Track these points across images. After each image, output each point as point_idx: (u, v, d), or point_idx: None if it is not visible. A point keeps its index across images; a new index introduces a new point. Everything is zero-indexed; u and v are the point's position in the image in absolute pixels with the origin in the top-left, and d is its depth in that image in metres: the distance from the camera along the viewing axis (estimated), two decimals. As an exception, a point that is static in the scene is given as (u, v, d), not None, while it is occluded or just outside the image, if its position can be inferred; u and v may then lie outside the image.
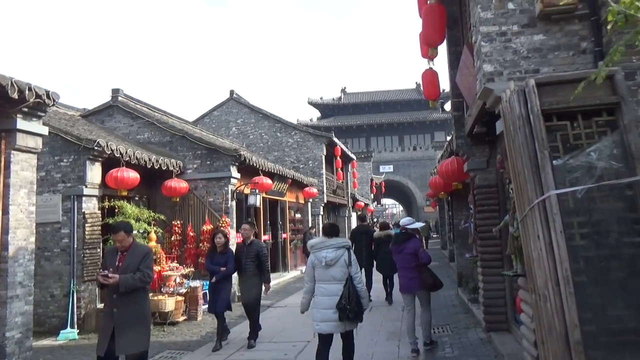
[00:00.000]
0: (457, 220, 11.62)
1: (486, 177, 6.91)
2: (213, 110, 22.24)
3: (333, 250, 4.76)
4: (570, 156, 3.46)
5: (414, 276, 6.25)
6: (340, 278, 4.71)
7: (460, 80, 6.74)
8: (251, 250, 6.94)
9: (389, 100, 50.25)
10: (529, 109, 3.56)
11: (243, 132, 21.59)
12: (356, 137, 48.01)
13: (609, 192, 3.36)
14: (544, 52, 4.73)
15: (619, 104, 3.50)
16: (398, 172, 44.47)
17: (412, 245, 6.37)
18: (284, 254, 16.34)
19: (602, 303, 3.18)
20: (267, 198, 14.29)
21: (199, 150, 11.53)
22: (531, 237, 3.49)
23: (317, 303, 4.79)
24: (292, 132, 21.33)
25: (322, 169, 20.71)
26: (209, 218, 10.97)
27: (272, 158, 20.11)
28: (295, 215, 18.17)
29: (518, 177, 3.70)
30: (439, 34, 6.74)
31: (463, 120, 7.44)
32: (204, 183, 11.33)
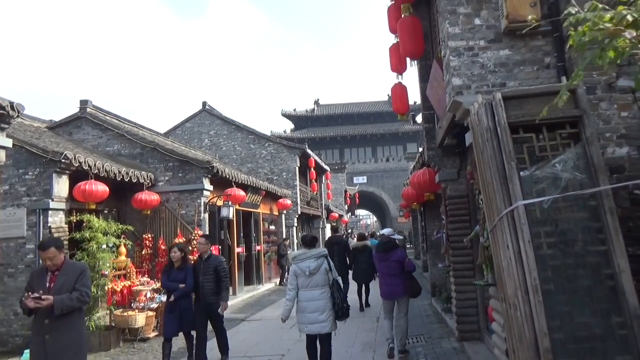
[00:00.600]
0: (429, 230, 11.76)
1: (457, 188, 7.02)
2: (185, 121, 22.01)
3: (314, 259, 5.28)
4: (536, 167, 3.56)
5: (398, 283, 6.49)
6: (322, 284, 5.25)
7: (431, 93, 6.87)
8: (209, 266, 6.31)
9: (362, 112, 50.78)
10: (496, 122, 3.66)
11: (216, 144, 21.41)
12: (330, 149, 48.23)
13: (573, 202, 3.47)
14: (509, 67, 4.87)
15: (581, 117, 3.63)
16: (372, 183, 44.81)
17: (398, 254, 6.61)
18: (258, 266, 16.18)
19: (569, 311, 3.26)
20: (241, 210, 14.17)
21: (171, 162, 11.37)
22: (501, 247, 3.56)
23: (301, 308, 5.27)
24: (266, 144, 21.28)
25: (296, 180, 20.69)
26: (181, 231, 10.80)
27: (246, 170, 19.98)
28: (270, 227, 18.06)
29: (487, 187, 3.79)
30: (418, 45, 6.84)
31: (434, 132, 7.56)
32: (175, 195, 11.16)
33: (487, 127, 3.72)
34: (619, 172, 4.18)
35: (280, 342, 7.79)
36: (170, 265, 6.48)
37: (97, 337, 7.80)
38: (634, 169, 4.18)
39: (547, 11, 4.78)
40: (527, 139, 3.69)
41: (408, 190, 11.71)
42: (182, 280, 6.28)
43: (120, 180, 9.74)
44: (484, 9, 5.03)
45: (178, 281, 6.28)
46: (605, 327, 3.20)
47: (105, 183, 8.96)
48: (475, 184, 5.42)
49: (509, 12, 4.73)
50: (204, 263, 6.36)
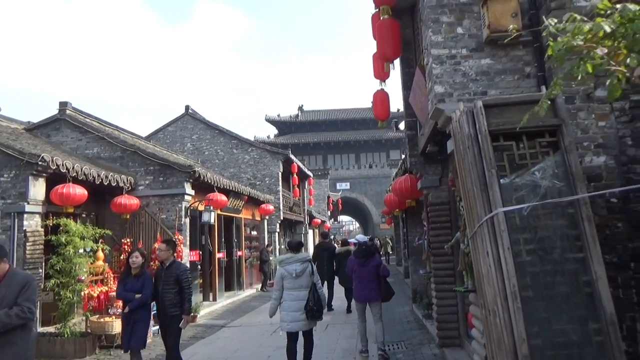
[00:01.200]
0: (411, 237, 11.82)
1: (439, 195, 7.07)
2: (167, 125, 21.80)
3: (300, 263, 5.78)
4: (516, 175, 3.60)
5: (374, 287, 6.78)
6: (306, 285, 5.72)
7: (413, 100, 6.92)
8: (170, 275, 5.66)
9: (346, 118, 50.97)
10: (477, 129, 3.70)
11: (198, 148, 21.25)
12: (313, 155, 48.25)
13: (552, 209, 3.51)
14: (491, 76, 4.94)
15: (560, 126, 3.69)
16: (354, 189, 44.93)
17: (376, 260, 6.95)
18: (239, 271, 16.05)
19: (547, 317, 3.29)
20: (222, 215, 14.06)
21: (152, 166, 11.23)
22: (480, 254, 3.59)
23: (286, 307, 5.73)
24: (249, 149, 21.19)
25: (279, 186, 20.63)
26: (161, 235, 10.64)
27: (228, 175, 19.85)
28: (251, 233, 17.94)
29: (468, 194, 3.82)
30: (394, 47, 6.88)
31: (417, 139, 7.62)
32: (156, 200, 11.02)
33: (469, 134, 3.76)
34: (596, 181, 4.26)
35: (260, 349, 7.72)
36: (127, 273, 5.83)
37: (72, 344, 7.63)
38: (610, 178, 4.26)
39: (527, 22, 4.86)
40: (508, 147, 3.73)
41: (390, 197, 11.77)
42: (138, 290, 5.64)
43: (99, 183, 9.57)
44: (466, 18, 5.10)
45: (134, 291, 5.64)
46: (582, 334, 3.24)
47: (84, 186, 8.80)
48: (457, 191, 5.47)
49: (490, 22, 4.80)
50: (165, 271, 5.72)
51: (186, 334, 9.32)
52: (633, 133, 4.32)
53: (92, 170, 9.40)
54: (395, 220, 22.50)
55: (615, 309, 3.24)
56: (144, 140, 15.03)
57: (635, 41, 2.36)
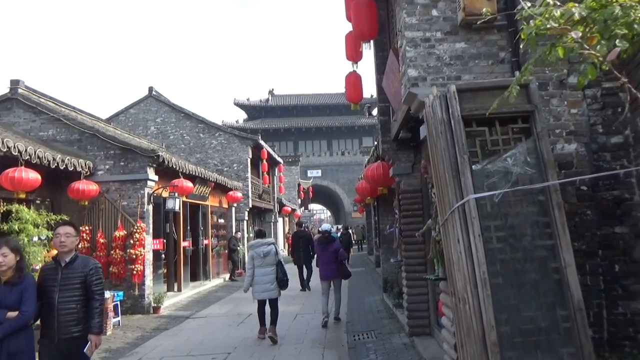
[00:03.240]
0: (383, 225, 11.92)
1: (411, 182, 7.13)
2: (129, 107, 21.22)
3: (266, 245, 7.52)
4: (488, 161, 3.65)
5: (334, 268, 8.68)
6: (272, 263, 7.46)
7: (387, 85, 6.93)
8: (72, 276, 3.96)
9: (318, 104, 50.84)
10: (450, 114, 3.72)
11: (163, 132, 20.80)
12: (284, 141, 48.03)
13: (523, 197, 3.58)
14: (465, 60, 4.97)
15: (532, 113, 3.75)
16: (326, 177, 45.02)
17: (335, 246, 8.86)
18: (205, 261, 15.90)
19: (516, 304, 3.37)
20: (188, 202, 13.85)
21: (112, 150, 10.93)
22: (451, 241, 3.63)
23: (257, 281, 7.40)
24: (217, 134, 20.88)
25: (248, 172, 20.45)
26: (122, 223, 10.43)
27: (194, 160, 19.53)
28: (219, 221, 17.76)
29: (440, 181, 3.85)
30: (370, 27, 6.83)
31: (389, 125, 7.65)
32: (117, 185, 10.75)
33: (441, 119, 3.78)
34: (567, 168, 4.37)
35: (226, 340, 7.68)
36: None
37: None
38: (581, 165, 4.38)
39: (503, 5, 4.91)
40: (480, 133, 3.78)
41: (362, 185, 11.82)
42: (13, 305, 3.80)
43: (55, 167, 9.26)
44: (441, 0, 5.10)
45: (8, 306, 3.79)
46: (550, 320, 3.33)
47: (38, 171, 8.49)
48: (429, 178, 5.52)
49: (465, 5, 4.82)
50: (62, 271, 3.96)
51: (149, 325, 9.19)
52: (604, 121, 4.44)
53: (47, 153, 9.08)
54: (367, 209, 22.70)
55: (583, 295, 3.35)
56: (104, 123, 14.59)
57: (607, 27, 2.40)
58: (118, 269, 10.17)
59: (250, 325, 8.56)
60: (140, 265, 10.19)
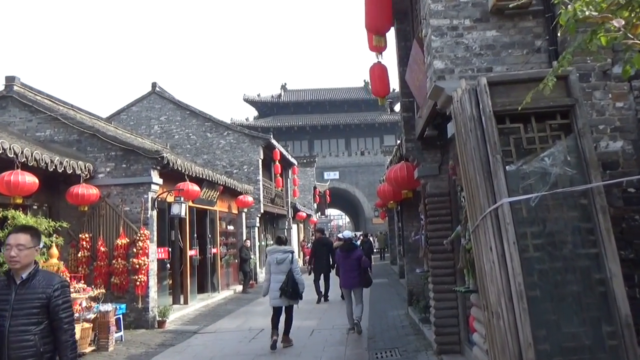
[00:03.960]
0: (407, 232, 11.87)
1: (438, 185, 7.10)
2: (132, 105, 21.53)
3: (282, 253, 8.16)
4: (523, 161, 3.62)
5: (355, 276, 9.13)
6: (285, 271, 7.98)
7: (410, 78, 6.91)
8: (29, 297, 3.28)
9: (335, 99, 50.89)
10: (481, 110, 3.70)
11: (167, 132, 21.05)
12: (298, 140, 48.16)
13: (563, 200, 3.54)
14: (497, 50, 4.93)
15: (573, 107, 3.71)
16: (344, 179, 45.04)
17: (358, 253, 9.43)
18: (214, 271, 16.02)
19: (556, 319, 3.34)
20: (195, 207, 13.98)
21: (114, 151, 11.09)
22: (483, 249, 3.61)
23: (271, 288, 8.09)
24: (225, 133, 21.05)
25: (259, 174, 20.57)
26: (124, 230, 10.56)
27: (201, 162, 19.72)
28: (228, 227, 17.88)
29: (470, 184, 3.83)
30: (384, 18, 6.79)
31: (413, 122, 7.62)
32: (118, 190, 10.90)
33: (471, 115, 3.76)
34: (613, 168, 4.30)
35: (237, 358, 7.73)
36: None
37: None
38: (628, 165, 4.30)
39: (538, -11, 4.86)
40: (514, 130, 3.75)
41: (384, 187, 11.79)
42: None
43: (52, 170, 9.43)
44: (470, -16, 5.07)
45: None
46: (594, 337, 3.29)
47: (35, 174, 8.66)
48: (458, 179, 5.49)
49: (497, -11, 4.78)
50: (17, 290, 3.29)
51: (154, 340, 9.29)
52: (653, 115, 4.36)
53: (45, 155, 9.26)
54: (389, 214, 22.60)
55: (631, 309, 3.29)
56: (104, 122, 14.83)
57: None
58: (120, 279, 10.30)
59: (262, 341, 8.60)
60: (143, 276, 10.31)
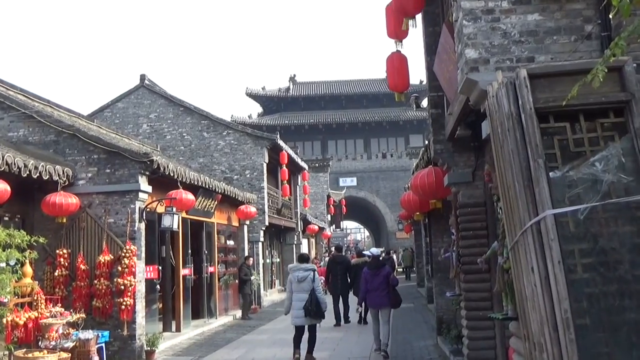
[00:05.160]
0: (436, 248, 11.85)
1: (471, 193, 7.09)
2: (117, 100, 21.76)
3: (303, 271, 9.25)
4: (570, 167, 3.60)
5: (384, 295, 9.79)
6: (307, 289, 9.06)
7: (439, 69, 6.93)
8: None
9: (353, 93, 50.99)
10: (520, 107, 3.70)
11: (157, 131, 21.24)
12: (309, 140, 48.32)
13: (617, 212, 3.52)
14: (540, 36, 4.93)
15: (628, 103, 3.69)
16: (363, 186, 45.03)
17: (386, 270, 10.08)
18: (210, 293, 16.07)
19: (609, 352, 3.31)
20: (189, 219, 14.06)
21: (96, 154, 11.22)
22: (523, 270, 3.60)
23: (293, 306, 9.20)
24: (224, 132, 21.18)
25: (263, 181, 20.65)
26: (107, 245, 10.64)
27: (197, 166, 19.86)
28: (227, 242, 17.96)
29: (508, 192, 3.83)
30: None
31: (443, 120, 7.63)
32: (101, 198, 11.01)
33: (509, 113, 3.77)
34: (676, 175, 4.26)
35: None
36: None
37: (-10, 387, 7.63)
38: (695, 171, 4.26)
39: (588, -35, 4.86)
40: (560, 130, 3.74)
41: (409, 196, 11.77)
42: None
43: (26, 176, 9.56)
44: (508, -40, 5.08)
45: None
46: (655, 375, 3.26)
47: (6, 180, 8.79)
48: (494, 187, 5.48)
49: (540, -34, 4.79)
50: None
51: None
52: None
53: (17, 158, 9.40)
54: (415, 227, 22.53)
55: (698, 342, 3.26)
56: (86, 120, 15.03)
57: None
58: (103, 302, 10.37)
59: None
60: (130, 299, 10.38)
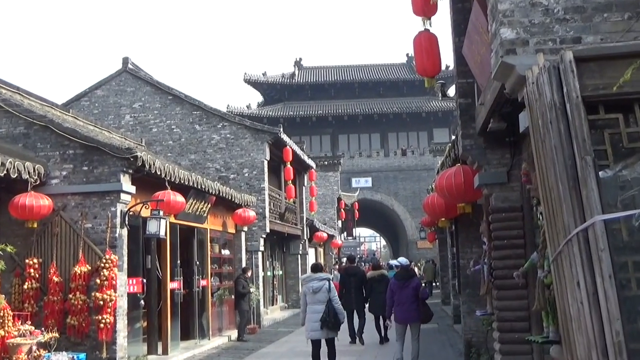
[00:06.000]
0: (464, 260, 11.81)
1: (506, 196, 7.06)
2: (96, 87, 21.80)
3: (318, 281, 9.81)
4: (623, 165, 3.59)
5: (413, 309, 10.47)
6: (323, 300, 9.60)
7: (469, 51, 6.90)
8: None
9: (368, 80, 50.92)
10: (565, 95, 3.68)
11: (142, 123, 21.28)
12: (317, 134, 48.31)
13: (678, 218, 3.50)
14: (588, 14, 4.90)
15: (692, 91, 3.67)
16: (379, 187, 44.97)
17: (415, 282, 10.87)
18: (202, 310, 16.09)
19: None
20: (178, 224, 14.09)
21: (72, 148, 11.26)
22: (568, 285, 3.58)
23: (308, 319, 9.72)
24: (219, 125, 21.18)
25: (264, 181, 20.64)
26: (84, 254, 10.67)
27: (188, 163, 19.91)
28: (222, 252, 17.97)
29: (550, 195, 3.81)
30: None
31: (473, 111, 7.60)
32: (78, 200, 11.05)
33: (552, 102, 3.75)
34: None
35: None
36: None
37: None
38: None
39: None
40: (611, 122, 3.73)
41: (433, 199, 11.74)
42: None
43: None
44: None
45: None
46: None
47: (-31, 178, 8.84)
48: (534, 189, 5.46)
49: None
50: None
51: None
52: None
53: (-18, 154, 9.45)
54: (439, 235, 22.48)
55: None
56: (61, 110, 15.08)
57: None
58: (79, 320, 10.40)
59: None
60: (109, 316, 10.41)
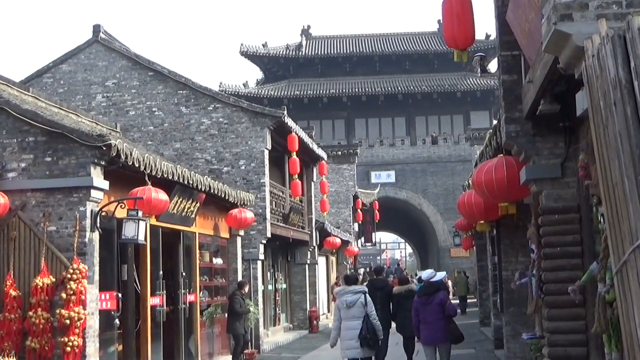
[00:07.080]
0: (507, 272, 11.80)
1: (560, 194, 7.05)
2: (62, 61, 21.75)
3: (352, 294, 10.85)
4: None
5: (440, 328, 10.83)
6: (359, 316, 10.61)
7: (515, 17, 6.90)
8: None
9: (390, 52, 50.76)
10: (633, 71, 3.67)
11: (117, 104, 21.26)
12: (329, 119, 48.27)
13: None
14: (661, -30, 4.89)
15: None
16: (404, 183, 44.86)
17: (440, 296, 11.09)
18: (190, 331, 16.14)
19: None
20: (160, 227, 14.12)
21: (32, 135, 11.30)
22: (635, 302, 3.58)
23: (342, 336, 10.80)
24: (210, 107, 21.11)
25: (265, 175, 20.60)
26: (47, 263, 10.70)
27: (172, 153, 19.92)
28: (213, 261, 18.00)
29: (613, 193, 3.80)
30: None
31: (519, 90, 7.59)
32: (39, 197, 11.10)
33: (616, 80, 3.73)
34: None
35: None
36: None
37: None
38: None
39: None
40: (689, 104, 3.71)
41: (470, 198, 11.73)
42: None
43: (-64, 166, 9.68)
44: None
45: None
46: None
47: None
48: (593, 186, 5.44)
49: None
50: None
51: None
52: None
53: None
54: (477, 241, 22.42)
55: None
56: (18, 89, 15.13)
57: None
58: (41, 342, 10.43)
59: None
60: (77, 338, 10.44)
